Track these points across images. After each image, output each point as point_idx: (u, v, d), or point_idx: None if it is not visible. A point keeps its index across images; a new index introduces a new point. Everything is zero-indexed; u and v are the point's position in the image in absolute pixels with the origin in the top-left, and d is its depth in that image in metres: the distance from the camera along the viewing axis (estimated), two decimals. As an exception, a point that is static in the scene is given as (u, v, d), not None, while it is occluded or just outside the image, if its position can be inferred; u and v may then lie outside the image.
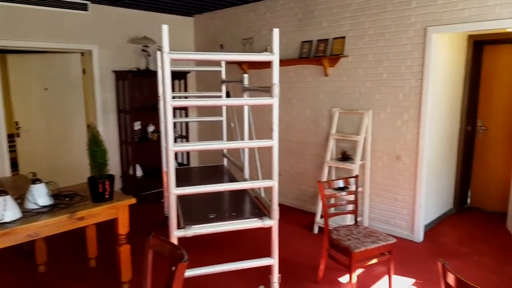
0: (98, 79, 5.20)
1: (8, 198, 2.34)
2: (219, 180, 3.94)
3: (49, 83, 5.26)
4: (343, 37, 4.20)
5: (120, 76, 5.28)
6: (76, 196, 2.82)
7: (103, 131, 5.25)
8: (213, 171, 4.37)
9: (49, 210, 2.52)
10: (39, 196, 2.55)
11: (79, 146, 5.34)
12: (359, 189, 4.06)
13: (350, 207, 3.78)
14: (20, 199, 2.60)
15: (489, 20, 3.23)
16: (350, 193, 3.36)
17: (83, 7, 4.87)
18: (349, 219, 3.95)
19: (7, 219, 2.30)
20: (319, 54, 4.39)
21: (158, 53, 4.17)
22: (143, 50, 5.35)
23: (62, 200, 2.71)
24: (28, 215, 2.43)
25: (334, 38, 4.28)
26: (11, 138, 5.14)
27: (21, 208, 2.45)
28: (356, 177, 3.30)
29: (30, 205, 2.53)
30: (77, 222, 2.56)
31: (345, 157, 4.23)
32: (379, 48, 3.94)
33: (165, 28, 2.17)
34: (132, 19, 5.39)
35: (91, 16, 5.00)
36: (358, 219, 3.77)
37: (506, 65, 4.53)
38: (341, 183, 3.24)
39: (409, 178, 3.91)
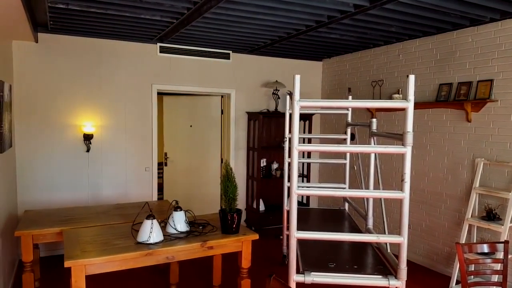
0: (234, 119, 5.73)
1: (155, 222, 2.67)
2: (340, 227, 3.84)
3: (194, 121, 6.02)
4: (491, 80, 3.77)
5: (252, 116, 5.73)
6: (207, 225, 3.07)
7: (234, 166, 5.68)
8: (333, 215, 4.29)
9: (185, 237, 2.79)
10: (179, 222, 2.86)
11: (213, 178, 5.89)
12: (509, 257, 3.41)
13: (496, 277, 3.25)
14: (163, 223, 2.93)
15: None
16: (496, 260, 2.87)
17: (226, 56, 5.52)
18: (493, 291, 3.36)
19: (151, 241, 2.61)
20: (460, 97, 4.02)
21: (287, 97, 4.40)
22: (273, 94, 5.73)
23: (196, 228, 2.99)
24: (168, 239, 2.72)
25: (479, 81, 3.88)
26: (160, 166, 5.96)
27: (163, 231, 2.75)
28: (506, 242, 2.77)
29: (170, 230, 2.85)
30: (207, 251, 2.76)
31: (491, 216, 3.66)
32: (539, 92, 3.38)
33: (297, 77, 2.28)
34: (265, 65, 5.87)
35: (231, 63, 5.61)
36: (507, 292, 3.17)
37: None
38: (485, 248, 2.76)
39: None
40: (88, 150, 4.74)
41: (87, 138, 4.70)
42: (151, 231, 2.61)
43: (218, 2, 3.23)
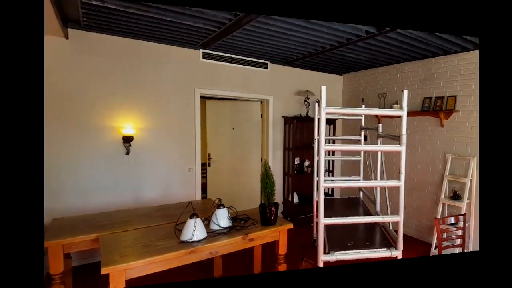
0: (271, 122, 5.90)
1: (198, 220, 2.62)
2: (356, 212, 4.16)
3: (235, 124, 6.12)
4: (455, 96, 4.80)
5: (287, 120, 6.00)
6: (249, 219, 3.07)
7: (272, 165, 5.86)
8: (351, 202, 4.65)
9: (228, 232, 2.77)
10: (221, 218, 2.85)
11: (254, 177, 6.07)
12: (466, 225, 4.18)
13: (459, 241, 3.90)
14: (206, 221, 2.88)
15: None
16: (459, 228, 3.82)
17: (265, 65, 5.68)
18: (457, 252, 4.11)
19: (195, 238, 2.56)
20: (436, 108, 5.00)
21: (316, 104, 4.38)
22: (304, 101, 6.08)
23: (238, 223, 2.98)
24: (211, 235, 2.68)
25: (448, 96, 4.87)
26: (204, 166, 5.89)
27: (206, 228, 2.70)
28: (464, 215, 3.79)
29: (213, 226, 2.82)
30: (248, 243, 2.79)
31: (455, 196, 4.68)
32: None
33: (323, 88, 2.50)
34: (298, 76, 6.10)
35: (269, 73, 5.75)
36: (465, 251, 4.03)
37: None
38: (452, 220, 3.75)
39: None
40: (127, 153, 4.41)
41: (127, 140, 4.36)
42: (194, 229, 2.56)
43: (257, 17, 3.37)
